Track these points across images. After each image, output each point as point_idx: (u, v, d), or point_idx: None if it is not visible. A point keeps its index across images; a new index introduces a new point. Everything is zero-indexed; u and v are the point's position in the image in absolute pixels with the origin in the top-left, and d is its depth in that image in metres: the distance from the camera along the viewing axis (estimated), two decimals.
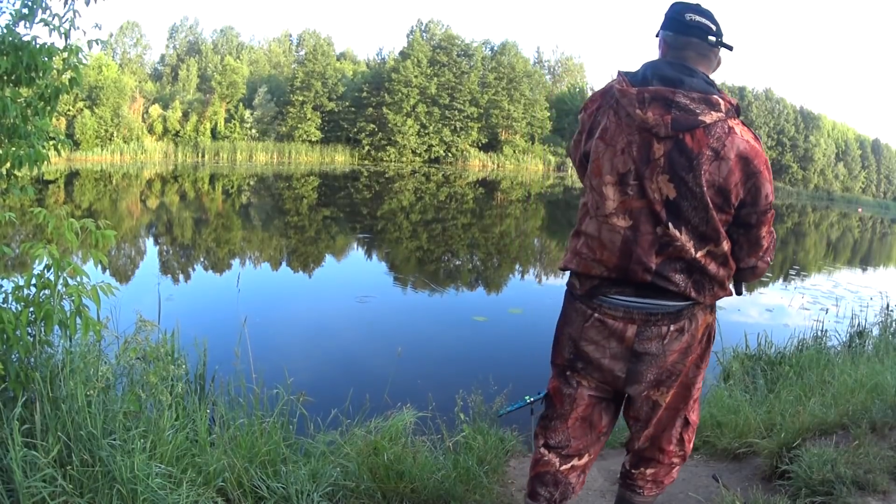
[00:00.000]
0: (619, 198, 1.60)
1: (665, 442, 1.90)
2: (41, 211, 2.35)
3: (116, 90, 33.58)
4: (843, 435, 2.79)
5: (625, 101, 1.58)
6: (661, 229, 1.58)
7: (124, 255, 10.40)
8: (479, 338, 6.73)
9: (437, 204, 21.53)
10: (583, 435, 1.86)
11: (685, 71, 1.59)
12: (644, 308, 1.65)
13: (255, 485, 2.15)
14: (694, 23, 1.62)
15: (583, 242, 1.70)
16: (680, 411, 1.85)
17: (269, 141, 39.64)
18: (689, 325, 1.68)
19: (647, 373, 1.71)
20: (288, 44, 49.95)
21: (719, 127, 1.54)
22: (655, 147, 1.55)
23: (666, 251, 1.60)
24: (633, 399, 1.82)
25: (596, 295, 1.69)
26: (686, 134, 1.53)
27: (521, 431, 3.24)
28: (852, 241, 24.43)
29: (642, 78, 1.62)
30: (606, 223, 1.62)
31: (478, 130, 43.27)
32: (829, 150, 52.31)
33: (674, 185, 1.55)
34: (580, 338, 1.74)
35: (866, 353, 4.84)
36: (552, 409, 1.89)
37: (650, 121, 1.54)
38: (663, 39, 1.68)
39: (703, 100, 1.54)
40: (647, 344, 1.67)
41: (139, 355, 2.63)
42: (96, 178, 24.24)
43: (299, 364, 5.32)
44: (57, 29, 2.52)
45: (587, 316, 1.71)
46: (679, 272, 1.61)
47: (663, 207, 1.57)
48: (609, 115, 1.63)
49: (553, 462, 1.89)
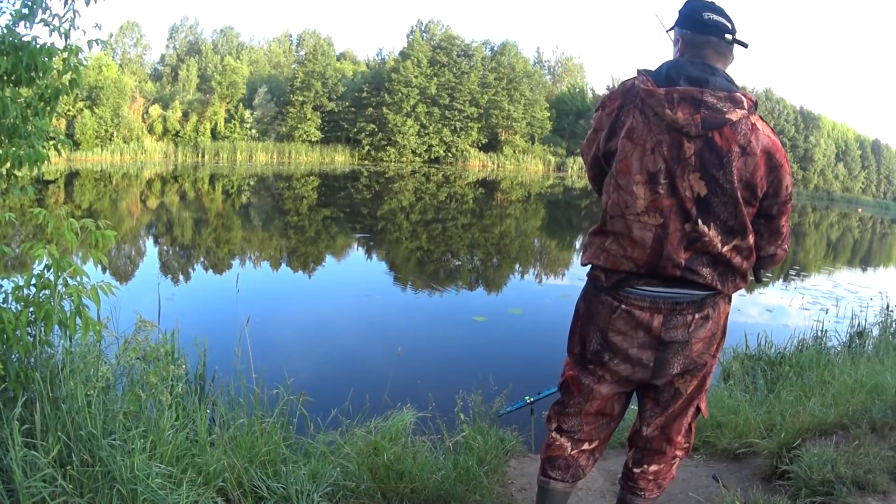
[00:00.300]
0: (649, 196, 1.62)
1: (675, 432, 1.92)
2: (41, 211, 2.35)
3: (116, 90, 33.59)
4: (843, 435, 2.79)
5: (652, 101, 1.60)
6: (691, 226, 1.62)
7: (124, 255, 10.41)
8: (479, 338, 6.73)
9: (437, 204, 21.53)
10: (595, 422, 1.92)
11: (708, 70, 1.62)
12: (670, 297, 1.69)
13: (255, 485, 2.15)
14: (713, 21, 1.66)
15: (612, 240, 1.71)
16: (694, 400, 1.89)
17: (269, 141, 39.64)
18: (712, 312, 1.73)
19: (675, 361, 1.75)
20: (288, 44, 49.95)
21: (744, 124, 1.60)
22: (686, 146, 1.58)
23: (694, 246, 1.64)
24: (656, 385, 1.85)
25: (623, 287, 1.72)
26: (715, 132, 1.58)
27: (521, 431, 3.24)
28: (852, 241, 24.43)
29: (666, 77, 1.63)
30: (637, 221, 1.65)
31: (478, 130, 43.27)
32: (829, 150, 52.30)
33: (705, 183, 1.59)
34: (608, 329, 1.76)
35: (866, 353, 4.84)
36: (569, 397, 1.92)
37: (680, 120, 1.57)
38: (681, 38, 1.71)
39: (729, 98, 1.58)
40: (674, 332, 1.70)
41: (139, 355, 2.63)
42: (96, 178, 24.25)
43: (299, 364, 5.32)
44: (57, 29, 2.52)
45: (614, 307, 1.74)
46: (706, 265, 1.66)
47: (694, 204, 1.61)
48: (635, 115, 1.64)
49: (565, 446, 1.94)
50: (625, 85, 1.72)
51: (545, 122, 45.29)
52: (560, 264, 12.85)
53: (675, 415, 1.89)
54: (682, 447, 2.00)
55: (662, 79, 1.63)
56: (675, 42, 1.76)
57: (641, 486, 2.01)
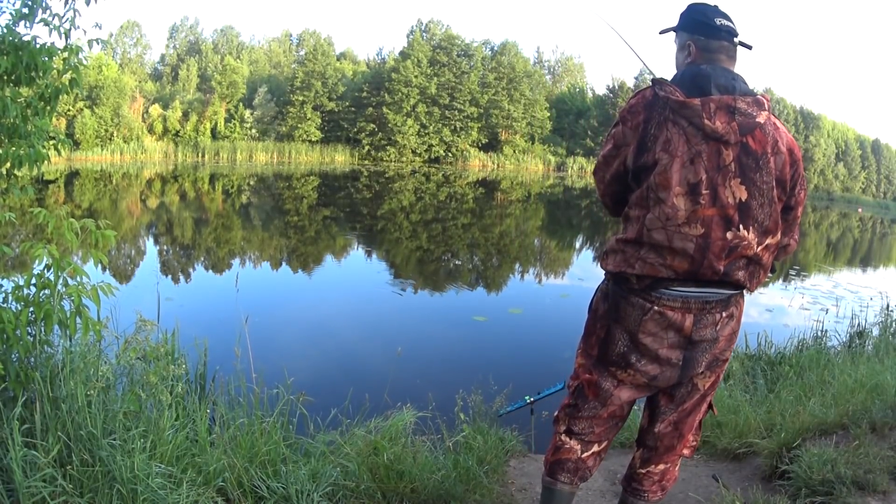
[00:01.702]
0: (690, 207, 1.62)
1: (687, 429, 1.93)
2: (41, 211, 2.35)
3: (116, 90, 33.58)
4: (843, 435, 2.79)
5: (688, 112, 1.60)
6: (733, 233, 1.64)
7: (124, 255, 10.41)
8: (479, 338, 6.73)
9: (437, 204, 21.53)
10: (606, 424, 1.92)
11: (730, 76, 1.65)
12: (700, 297, 1.70)
13: (255, 485, 2.15)
14: (724, 27, 1.68)
15: (648, 250, 1.69)
16: (708, 397, 1.90)
17: (269, 141, 39.64)
18: (735, 310, 1.77)
19: (702, 360, 1.76)
20: (288, 44, 49.94)
21: (770, 125, 1.65)
22: (725, 154, 1.61)
23: (734, 252, 1.66)
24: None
25: (656, 288, 1.71)
26: (748, 136, 1.61)
27: (521, 431, 3.24)
28: (852, 241, 24.43)
29: (693, 86, 1.63)
30: (678, 232, 1.64)
31: (478, 130, 43.27)
32: (829, 150, 52.27)
33: (745, 188, 1.62)
34: (638, 331, 1.74)
35: (866, 353, 4.84)
36: (583, 401, 1.90)
37: (720, 130, 1.59)
38: (693, 43, 1.72)
39: (755, 102, 1.63)
40: (704, 331, 1.71)
41: (139, 355, 2.63)
42: (96, 177, 24.25)
43: (299, 364, 5.32)
44: (57, 29, 2.52)
45: (646, 309, 1.72)
46: (741, 268, 1.69)
47: (736, 211, 1.63)
48: (668, 127, 1.63)
49: (575, 450, 1.93)
50: (645, 97, 1.69)
51: (545, 121, 45.27)
52: (560, 264, 12.85)
53: (688, 411, 1.89)
54: (690, 445, 2.01)
55: (689, 87, 1.64)
56: (682, 47, 1.76)
57: (645, 488, 2.00)
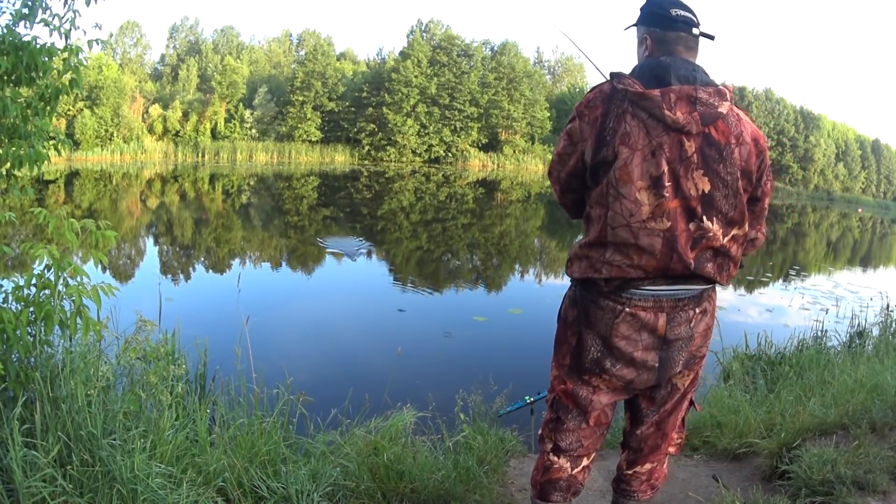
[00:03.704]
0: (653, 201, 1.59)
1: (669, 427, 1.91)
2: (41, 211, 2.35)
3: (116, 90, 33.57)
4: (843, 435, 2.79)
5: (647, 103, 1.57)
6: (695, 224, 1.61)
7: (124, 255, 10.41)
8: (479, 338, 6.73)
9: (438, 204, 21.53)
10: (593, 434, 1.86)
11: (691, 66, 1.62)
12: (672, 295, 1.67)
13: (255, 485, 2.15)
14: (680, 17, 1.65)
15: (613, 251, 1.64)
16: (688, 394, 1.88)
17: (269, 141, 39.63)
18: (709, 305, 1.74)
19: (679, 358, 1.73)
20: (288, 44, 49.92)
21: (732, 115, 1.62)
22: (687, 145, 1.58)
23: (699, 244, 1.63)
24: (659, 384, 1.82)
25: (626, 289, 1.67)
26: (711, 127, 1.59)
27: (521, 431, 3.25)
28: (852, 241, 24.43)
29: (653, 77, 1.60)
30: (644, 228, 1.60)
31: (478, 130, 43.26)
32: (829, 150, 52.25)
33: (708, 179, 1.60)
34: (610, 335, 1.70)
35: (866, 353, 4.84)
36: (564, 412, 1.84)
37: (681, 120, 1.56)
38: (649, 36, 1.68)
39: (717, 92, 1.60)
40: (678, 329, 1.69)
41: (139, 355, 2.63)
42: (96, 178, 24.25)
43: (299, 364, 5.32)
44: (57, 29, 2.52)
45: (617, 312, 1.68)
46: (709, 260, 1.66)
47: (699, 202, 1.60)
48: (627, 120, 1.58)
49: (565, 468, 1.87)
50: (602, 91, 1.65)
51: (545, 122, 45.25)
52: (560, 264, 12.85)
53: (669, 411, 1.87)
54: (675, 443, 1.99)
55: (648, 79, 1.60)
56: (640, 41, 1.72)
57: (634, 488, 2.00)
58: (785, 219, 29.78)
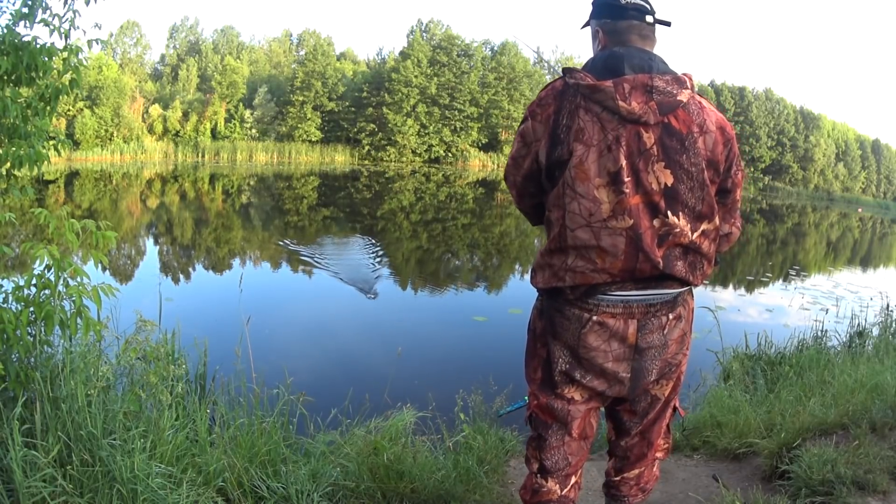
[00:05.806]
0: (613, 198, 1.49)
1: (654, 435, 1.86)
2: (42, 211, 2.35)
3: (116, 90, 33.57)
4: (843, 435, 2.79)
5: (600, 96, 1.48)
6: (660, 220, 1.52)
7: (124, 255, 10.40)
8: (479, 338, 6.73)
9: (438, 204, 21.53)
10: (579, 450, 1.77)
11: (646, 55, 1.55)
12: (644, 300, 1.59)
13: (255, 485, 2.16)
14: (631, 5, 1.58)
15: (575, 256, 1.56)
16: (671, 401, 1.82)
17: (269, 141, 39.64)
18: (683, 311, 1.67)
19: (652, 368, 1.65)
20: (288, 44, 49.90)
21: (693, 103, 1.54)
22: (645, 136, 1.49)
23: (666, 241, 1.54)
24: (633, 396, 1.76)
25: (593, 295, 1.58)
26: (671, 116, 1.50)
27: (521, 431, 3.24)
28: (852, 241, 24.43)
29: (605, 69, 1.53)
30: (605, 228, 1.51)
31: (478, 130, 43.27)
32: (829, 150, 52.26)
33: (670, 171, 1.51)
34: (578, 345, 1.62)
35: (866, 353, 4.83)
36: (545, 429, 1.75)
37: (637, 110, 1.47)
38: (600, 29, 1.62)
39: (675, 80, 1.52)
40: (650, 337, 1.61)
41: (139, 355, 2.63)
42: (96, 178, 24.25)
43: (299, 364, 5.32)
44: (57, 29, 2.52)
45: (584, 321, 1.60)
46: (679, 258, 1.57)
47: (662, 197, 1.51)
48: (580, 115, 1.50)
49: (554, 490, 1.78)
50: (555, 88, 1.57)
51: None
52: None
53: (653, 420, 1.82)
54: (662, 448, 1.95)
55: (601, 71, 1.53)
56: (594, 36, 1.66)
57: (624, 492, 1.97)
58: (785, 219, 29.79)
